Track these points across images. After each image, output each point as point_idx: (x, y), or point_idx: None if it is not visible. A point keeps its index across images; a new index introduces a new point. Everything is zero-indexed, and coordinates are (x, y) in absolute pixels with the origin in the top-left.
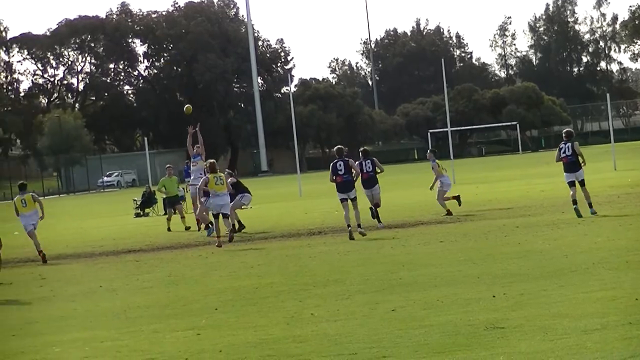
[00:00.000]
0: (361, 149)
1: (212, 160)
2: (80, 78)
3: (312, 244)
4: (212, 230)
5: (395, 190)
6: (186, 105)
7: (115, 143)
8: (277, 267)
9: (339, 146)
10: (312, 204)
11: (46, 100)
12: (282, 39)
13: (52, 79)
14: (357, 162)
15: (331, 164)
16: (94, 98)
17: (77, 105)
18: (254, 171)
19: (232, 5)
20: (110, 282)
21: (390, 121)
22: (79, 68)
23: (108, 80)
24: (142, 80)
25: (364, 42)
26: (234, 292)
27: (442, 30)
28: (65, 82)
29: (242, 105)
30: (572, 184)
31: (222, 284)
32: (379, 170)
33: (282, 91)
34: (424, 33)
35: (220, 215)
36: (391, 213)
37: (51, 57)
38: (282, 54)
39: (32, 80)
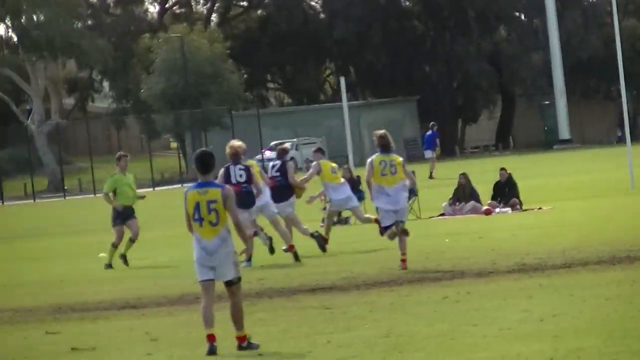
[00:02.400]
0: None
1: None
2: None
3: None
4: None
5: None
6: None
7: (285, 88)
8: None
9: None
10: None
11: (156, 8)
12: None
13: None
14: None
15: None
16: (245, 3)
17: (213, 18)
18: (546, 141)
19: None
20: None
21: None
22: None
23: None
24: None
25: None
26: None
27: None
28: None
29: (523, 18)
30: None
31: None
32: None
33: None
34: None
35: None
36: None
37: None
38: None
39: None
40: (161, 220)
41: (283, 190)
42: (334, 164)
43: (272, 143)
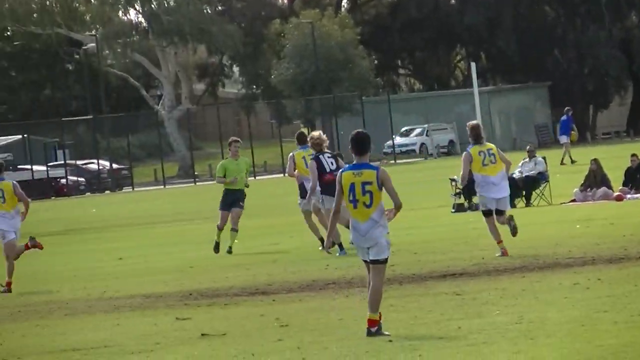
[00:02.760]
0: None
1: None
2: None
3: None
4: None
5: None
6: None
7: (416, 74)
8: None
9: None
10: None
11: None
12: None
13: None
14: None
15: None
16: None
17: (343, 3)
18: None
19: None
20: None
21: None
22: None
23: None
24: None
25: None
26: None
27: None
28: None
29: None
30: None
31: None
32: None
33: None
34: None
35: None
36: None
37: None
38: None
39: None
40: (290, 206)
41: None
42: None
43: (403, 129)
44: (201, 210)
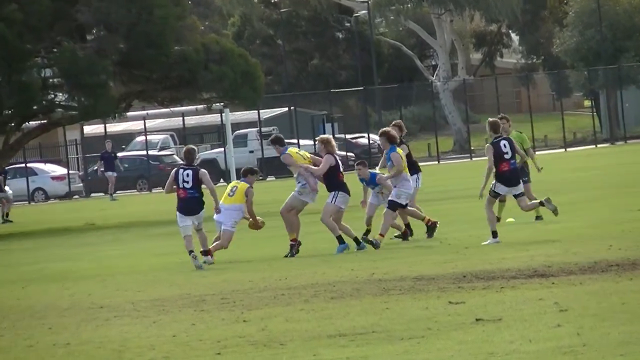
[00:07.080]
0: None
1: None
2: None
3: None
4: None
5: None
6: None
7: None
8: None
9: None
10: None
11: None
12: None
13: None
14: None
15: None
16: None
17: None
18: None
19: None
20: None
21: None
22: None
23: None
24: None
25: None
26: None
27: None
28: None
29: None
30: None
31: None
32: None
33: None
34: None
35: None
36: None
37: None
38: None
39: None
40: (571, 183)
41: None
42: None
43: None
44: (475, 187)
